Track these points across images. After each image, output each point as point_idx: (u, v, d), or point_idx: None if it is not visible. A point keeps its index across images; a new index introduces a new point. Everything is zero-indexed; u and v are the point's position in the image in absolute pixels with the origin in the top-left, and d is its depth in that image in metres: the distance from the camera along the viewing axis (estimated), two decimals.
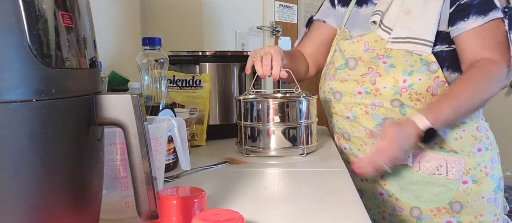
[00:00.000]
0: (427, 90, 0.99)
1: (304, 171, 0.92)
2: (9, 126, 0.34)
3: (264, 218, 0.63)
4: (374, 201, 1.12)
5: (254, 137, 1.03)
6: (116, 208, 0.60)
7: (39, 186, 0.36)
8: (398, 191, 1.06)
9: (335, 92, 1.11)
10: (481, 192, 1.01)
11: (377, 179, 1.08)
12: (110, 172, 0.59)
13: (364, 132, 1.07)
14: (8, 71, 0.33)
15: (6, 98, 0.33)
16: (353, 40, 1.10)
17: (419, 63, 0.99)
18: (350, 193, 0.76)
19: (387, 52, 1.03)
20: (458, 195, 1.01)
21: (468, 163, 1.00)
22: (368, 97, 1.05)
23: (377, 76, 1.02)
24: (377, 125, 1.04)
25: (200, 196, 0.57)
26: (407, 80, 0.99)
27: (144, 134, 0.42)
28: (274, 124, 1.01)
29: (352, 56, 1.09)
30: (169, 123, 0.66)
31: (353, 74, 1.07)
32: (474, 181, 1.01)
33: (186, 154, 0.68)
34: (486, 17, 0.95)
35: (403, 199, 1.06)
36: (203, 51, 1.28)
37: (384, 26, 1.04)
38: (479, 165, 1.01)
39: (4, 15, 0.33)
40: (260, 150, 1.03)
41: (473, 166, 1.01)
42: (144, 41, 0.89)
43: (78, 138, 0.40)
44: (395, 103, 1.02)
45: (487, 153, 1.02)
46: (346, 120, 1.10)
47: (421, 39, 0.99)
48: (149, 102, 0.90)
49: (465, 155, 1.00)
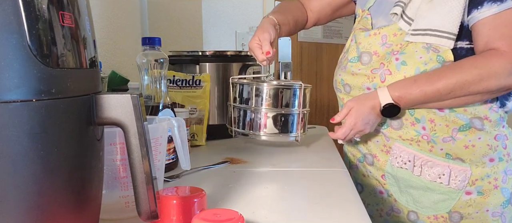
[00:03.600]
0: None
1: (304, 171, 0.92)
2: (9, 125, 0.34)
3: (264, 218, 0.63)
4: (373, 198, 1.10)
5: (244, 120, 1.03)
6: (116, 208, 0.60)
7: (39, 186, 0.36)
8: (397, 192, 1.03)
9: (345, 84, 1.06)
10: (486, 204, 0.94)
11: (379, 178, 1.06)
12: (110, 171, 0.59)
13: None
14: (8, 71, 0.33)
15: (6, 98, 0.33)
16: (370, 33, 1.02)
17: (434, 61, 0.91)
18: (350, 193, 0.76)
19: (402, 47, 0.95)
20: (458, 205, 0.96)
21: (475, 173, 0.94)
22: None
23: (388, 74, 0.96)
24: (384, 123, 1.00)
25: (200, 196, 0.57)
26: None
27: (144, 134, 0.42)
28: (266, 109, 1.01)
29: (367, 51, 1.01)
30: (169, 123, 0.66)
31: (364, 69, 1.01)
32: (480, 193, 0.94)
33: (186, 154, 0.68)
34: (502, 5, 0.84)
35: (402, 202, 1.03)
36: (203, 51, 1.28)
37: (406, 17, 0.95)
38: (489, 176, 0.94)
39: (4, 15, 0.33)
40: (252, 133, 1.03)
41: (481, 176, 0.94)
42: (144, 41, 0.89)
43: (78, 137, 0.40)
44: None
45: (501, 164, 0.95)
46: None
47: (442, 31, 0.89)
48: (149, 102, 0.90)
49: (473, 165, 0.94)
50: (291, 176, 0.89)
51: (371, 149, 1.06)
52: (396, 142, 0.99)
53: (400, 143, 0.99)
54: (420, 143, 0.96)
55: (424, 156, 0.96)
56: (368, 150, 1.07)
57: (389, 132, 1.00)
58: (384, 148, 1.02)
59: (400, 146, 0.99)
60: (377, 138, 1.03)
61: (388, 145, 1.01)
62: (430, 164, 0.96)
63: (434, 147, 0.95)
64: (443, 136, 0.94)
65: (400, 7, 0.95)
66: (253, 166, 0.96)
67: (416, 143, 0.97)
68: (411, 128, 0.97)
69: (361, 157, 1.10)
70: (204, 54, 1.28)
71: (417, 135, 0.96)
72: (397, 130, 0.98)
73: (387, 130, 1.00)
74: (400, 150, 0.99)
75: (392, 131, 0.99)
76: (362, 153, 1.09)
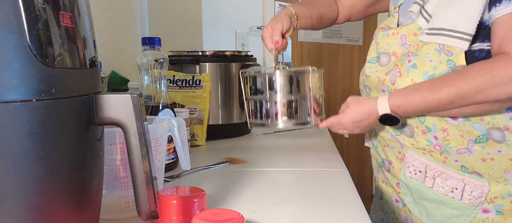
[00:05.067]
0: None
1: (304, 171, 0.92)
2: (9, 125, 0.34)
3: (264, 218, 0.63)
4: (391, 205, 1.05)
5: (261, 111, 1.02)
6: (116, 208, 0.60)
7: (39, 186, 0.36)
8: (411, 202, 0.97)
9: (365, 86, 1.02)
10: None
11: (394, 185, 1.00)
12: (110, 171, 0.59)
13: (387, 133, 0.98)
14: (8, 71, 0.33)
15: (6, 98, 0.33)
16: (388, 32, 0.96)
17: (444, 65, 0.83)
18: (350, 193, 0.76)
19: (418, 49, 0.88)
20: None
21: (494, 190, 0.85)
22: None
23: (398, 76, 0.89)
24: (397, 128, 0.94)
25: (200, 195, 0.57)
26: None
27: (144, 134, 0.42)
28: (280, 96, 0.99)
29: (385, 51, 0.95)
30: (169, 123, 0.66)
31: (381, 71, 0.94)
32: (499, 212, 0.85)
33: (186, 154, 0.68)
34: None
35: (415, 212, 0.96)
36: (203, 51, 1.28)
37: (426, 13, 0.88)
38: (510, 195, 0.85)
39: (4, 15, 0.33)
40: (268, 124, 1.01)
41: (501, 194, 0.85)
42: (144, 41, 0.89)
43: (78, 137, 0.40)
44: None
45: None
46: None
47: (456, 31, 0.81)
48: (149, 102, 0.90)
49: (493, 181, 0.85)
50: (291, 176, 0.89)
51: (388, 154, 1.00)
52: (409, 150, 0.93)
53: (413, 151, 0.93)
54: (432, 153, 0.90)
55: (437, 167, 0.89)
56: (386, 156, 1.02)
57: (402, 139, 0.94)
58: (399, 155, 0.97)
59: (414, 154, 0.93)
60: (393, 144, 0.98)
61: (402, 152, 0.95)
62: (444, 176, 0.88)
63: (448, 158, 0.88)
64: (457, 147, 0.86)
65: (418, 5, 0.89)
66: (253, 166, 0.96)
67: (429, 152, 0.90)
68: (422, 136, 0.90)
69: (381, 162, 1.06)
70: (204, 54, 1.28)
71: (429, 144, 0.89)
72: (410, 137, 0.92)
73: (400, 137, 0.94)
74: (414, 158, 0.93)
75: (405, 138, 0.94)
76: (381, 157, 1.04)
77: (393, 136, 0.96)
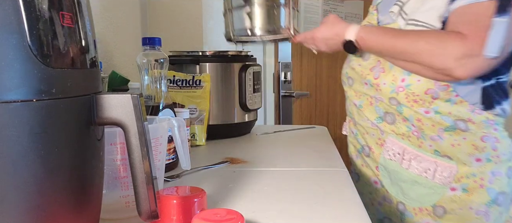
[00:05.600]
0: (426, 92, 0.94)
1: (304, 171, 0.92)
2: (10, 126, 0.34)
3: (264, 218, 0.63)
4: (368, 187, 1.13)
5: (240, 23, 1.07)
6: (117, 208, 0.60)
7: (39, 186, 0.36)
8: (388, 184, 1.07)
9: (348, 77, 1.11)
10: (469, 202, 0.96)
11: (373, 169, 1.09)
12: (111, 171, 0.59)
13: (367, 122, 1.07)
14: (8, 71, 0.33)
15: (7, 98, 0.33)
16: None
17: None
18: (350, 193, 0.76)
19: None
20: (443, 200, 0.98)
21: (461, 170, 0.96)
22: (371, 90, 1.04)
23: (381, 72, 1.00)
24: (379, 117, 1.04)
25: (200, 195, 0.57)
26: (406, 79, 0.96)
27: (144, 134, 0.42)
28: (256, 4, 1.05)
29: None
30: (169, 123, 0.66)
31: (364, 66, 1.05)
32: (464, 190, 0.96)
33: (186, 154, 0.68)
34: None
35: (392, 192, 1.06)
36: (203, 51, 1.29)
37: (405, 14, 0.97)
38: (474, 175, 0.96)
39: (4, 15, 0.33)
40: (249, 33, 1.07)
41: (466, 175, 0.96)
42: (144, 41, 0.89)
43: (79, 137, 0.40)
44: (392, 101, 1.00)
45: (489, 164, 0.95)
46: (354, 106, 1.11)
47: (427, 23, 0.91)
48: (149, 102, 0.90)
49: (460, 163, 0.96)
50: (291, 176, 0.89)
51: (368, 141, 1.09)
52: (389, 136, 1.03)
53: (393, 136, 1.02)
54: (410, 138, 1.00)
55: (414, 151, 1.00)
56: (366, 142, 1.10)
57: (383, 126, 1.04)
58: (379, 141, 1.06)
59: (393, 139, 1.03)
60: (373, 131, 1.07)
61: (382, 138, 1.05)
62: (419, 159, 0.99)
63: (423, 143, 0.98)
64: (431, 134, 0.97)
65: (398, 6, 0.97)
66: (253, 166, 0.96)
67: (407, 138, 1.00)
68: (403, 123, 1.00)
69: (360, 148, 1.14)
70: (204, 54, 1.28)
71: (408, 130, 0.99)
72: (391, 124, 1.02)
73: (382, 124, 1.04)
74: (393, 143, 1.03)
75: (386, 125, 1.03)
76: (361, 144, 1.13)
77: (373, 124, 1.06)
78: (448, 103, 0.94)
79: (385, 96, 1.01)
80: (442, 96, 0.94)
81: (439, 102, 0.94)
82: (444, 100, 0.94)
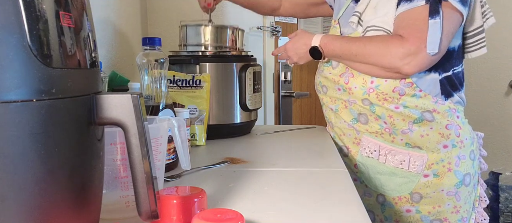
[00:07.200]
0: (394, 90, 1.05)
1: (304, 171, 0.92)
2: (10, 126, 0.34)
3: (264, 218, 0.64)
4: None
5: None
6: (117, 208, 0.60)
7: (39, 186, 0.36)
8: (367, 179, 1.16)
9: (323, 86, 1.21)
10: (441, 185, 1.08)
11: (352, 167, 1.18)
12: (111, 171, 0.59)
13: (344, 123, 1.17)
14: (8, 71, 0.33)
15: (7, 98, 0.33)
16: None
17: None
18: (350, 193, 0.76)
19: None
20: (418, 187, 1.09)
21: (431, 158, 1.07)
22: (344, 94, 1.13)
23: (351, 77, 1.11)
24: (354, 118, 1.14)
25: (200, 195, 0.57)
26: (374, 81, 1.06)
27: (144, 134, 0.42)
28: None
29: None
30: (169, 123, 0.66)
31: (334, 73, 1.15)
32: (435, 175, 1.08)
33: (186, 154, 0.68)
34: (411, 3, 0.99)
35: (371, 186, 1.16)
36: (203, 51, 1.29)
37: (363, 22, 1.10)
38: (443, 160, 1.07)
39: (4, 15, 0.33)
40: None
41: (436, 161, 1.07)
42: (144, 41, 0.89)
43: (79, 137, 0.40)
44: (365, 102, 1.09)
45: (454, 150, 1.08)
46: (331, 111, 1.21)
47: (380, 27, 1.04)
48: (149, 102, 0.90)
49: (429, 151, 1.07)
50: (291, 176, 0.89)
51: (345, 141, 1.20)
52: (364, 135, 1.13)
53: (367, 135, 1.13)
54: (383, 135, 1.10)
55: (388, 146, 1.10)
56: (343, 143, 1.21)
57: (358, 126, 1.14)
58: (355, 141, 1.17)
59: (368, 138, 1.13)
60: (349, 132, 1.17)
61: (358, 138, 1.15)
62: (393, 153, 1.10)
63: (395, 138, 1.09)
64: (401, 128, 1.07)
65: (356, 16, 1.09)
66: (253, 166, 0.96)
67: (381, 135, 1.10)
68: (375, 122, 1.10)
69: (338, 149, 1.19)
70: (204, 54, 1.28)
71: (381, 128, 1.10)
72: (364, 124, 1.12)
73: (356, 125, 1.14)
74: (368, 141, 1.13)
75: (360, 126, 1.13)
76: (339, 145, 1.22)
77: (349, 125, 1.16)
78: (414, 98, 1.05)
79: (358, 98, 1.10)
80: (408, 92, 1.05)
81: (406, 98, 1.05)
82: (410, 96, 1.05)
